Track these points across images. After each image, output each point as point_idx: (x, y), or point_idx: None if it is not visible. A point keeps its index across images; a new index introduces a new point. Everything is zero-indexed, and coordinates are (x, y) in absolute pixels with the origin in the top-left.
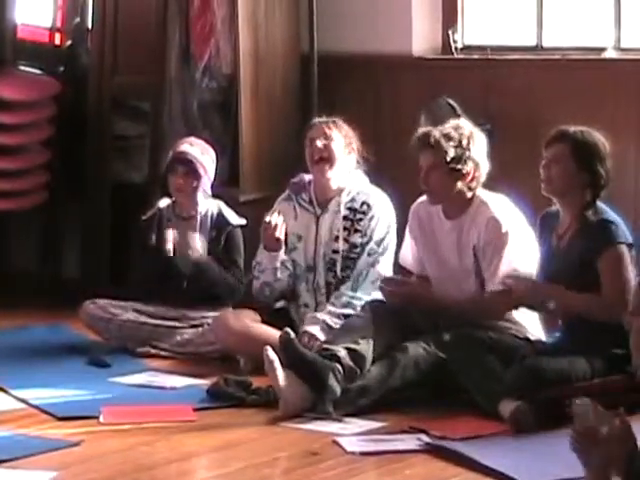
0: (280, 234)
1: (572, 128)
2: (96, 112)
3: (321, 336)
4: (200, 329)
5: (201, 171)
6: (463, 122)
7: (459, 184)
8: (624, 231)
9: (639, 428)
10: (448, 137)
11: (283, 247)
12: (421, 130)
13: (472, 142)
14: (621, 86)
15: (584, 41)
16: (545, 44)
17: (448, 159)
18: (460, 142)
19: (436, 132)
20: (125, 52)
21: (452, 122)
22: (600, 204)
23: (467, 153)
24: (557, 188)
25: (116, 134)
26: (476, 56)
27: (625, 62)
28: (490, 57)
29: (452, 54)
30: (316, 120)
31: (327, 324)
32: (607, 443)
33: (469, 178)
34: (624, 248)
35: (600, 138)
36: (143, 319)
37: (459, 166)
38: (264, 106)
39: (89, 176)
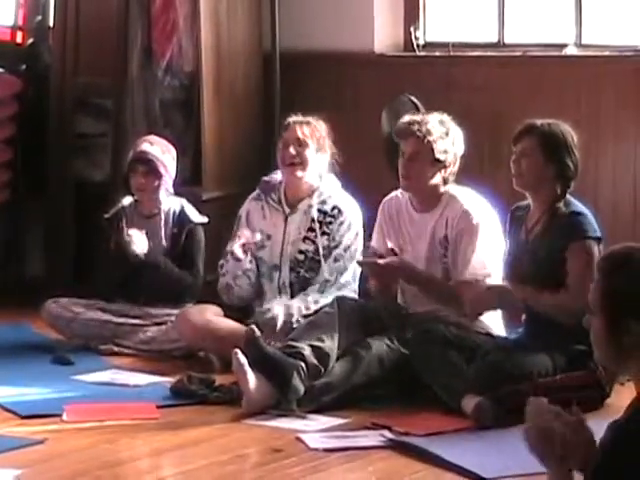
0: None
1: (539, 121)
2: (58, 110)
3: (281, 316)
4: (164, 327)
5: (162, 170)
6: (445, 117)
7: (438, 175)
8: (593, 225)
9: (599, 423)
10: (437, 129)
11: (248, 258)
12: (408, 117)
13: (454, 136)
14: (582, 82)
15: (545, 38)
16: (507, 41)
17: (435, 151)
18: (447, 135)
19: (424, 122)
20: (87, 50)
21: (436, 115)
22: (570, 197)
23: (451, 146)
24: (528, 182)
25: (78, 132)
26: (438, 53)
27: (586, 59)
28: (452, 54)
29: (414, 51)
30: (291, 120)
31: (292, 307)
32: (562, 439)
33: (448, 171)
34: (592, 243)
35: (567, 129)
36: (106, 317)
37: (442, 158)
38: (226, 104)
39: (51, 174)
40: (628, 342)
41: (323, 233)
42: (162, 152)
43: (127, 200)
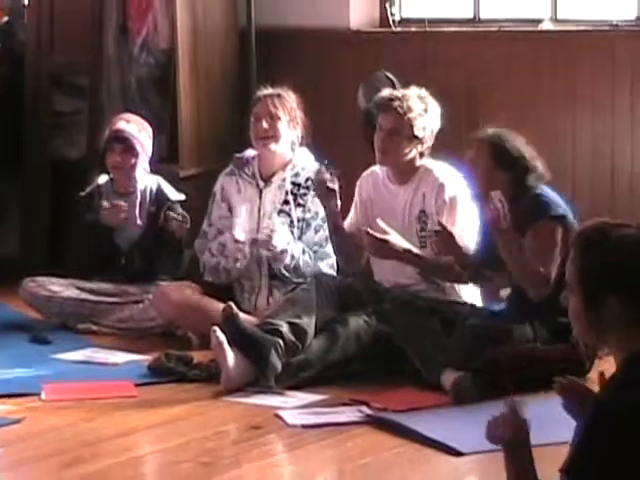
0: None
1: (489, 130)
2: (34, 88)
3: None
4: (141, 305)
5: (138, 148)
6: (423, 92)
7: (414, 151)
8: (557, 205)
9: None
10: (417, 106)
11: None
12: (389, 92)
13: (433, 112)
14: (558, 57)
15: (521, 13)
16: (482, 16)
17: (414, 127)
18: (425, 111)
19: (405, 98)
20: (62, 28)
21: (415, 90)
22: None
23: (429, 123)
24: (481, 187)
25: (54, 110)
26: (414, 29)
27: (562, 33)
28: (428, 30)
29: (390, 27)
30: (261, 93)
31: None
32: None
33: (424, 146)
34: (555, 222)
35: (517, 139)
36: (84, 296)
37: (421, 134)
38: (202, 81)
39: (27, 153)
40: (606, 317)
41: (298, 205)
42: (138, 130)
43: (103, 178)
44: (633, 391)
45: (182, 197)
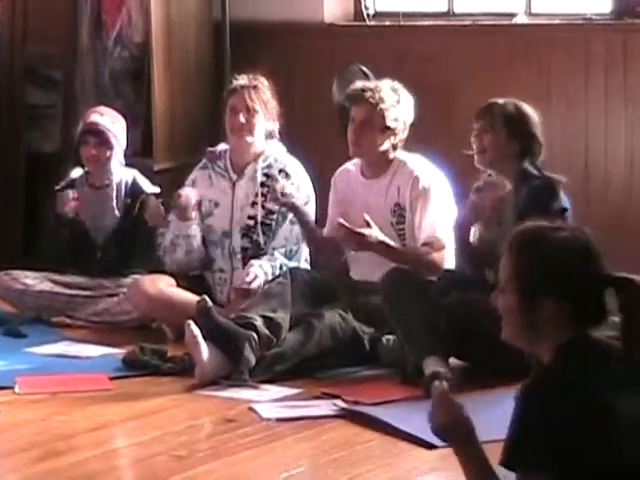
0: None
1: (501, 100)
2: (7, 81)
3: (261, 275)
4: (116, 298)
5: (113, 141)
6: (396, 84)
7: (387, 142)
8: (559, 197)
9: None
10: (389, 97)
11: (194, 220)
12: (361, 83)
13: (405, 104)
14: (532, 51)
15: (495, 7)
16: (456, 10)
17: (386, 118)
18: (398, 102)
19: (377, 90)
20: (36, 21)
21: (387, 82)
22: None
23: (401, 114)
24: (490, 159)
25: (28, 103)
26: (388, 22)
27: (536, 27)
28: (402, 23)
29: (364, 21)
30: (238, 83)
31: (265, 266)
32: (452, 426)
33: (397, 138)
34: (557, 215)
35: (529, 109)
36: (58, 289)
37: (393, 125)
38: (177, 74)
39: (1, 146)
40: (541, 318)
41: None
42: (112, 122)
43: (77, 172)
44: (559, 373)
45: (157, 190)
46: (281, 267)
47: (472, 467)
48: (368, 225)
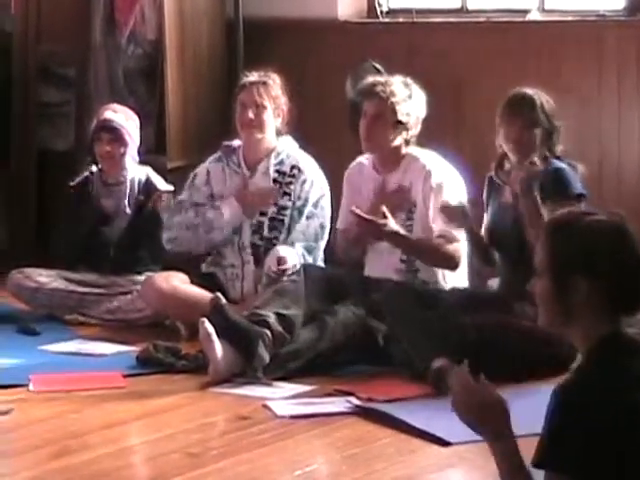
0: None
1: (523, 90)
2: (21, 79)
3: (292, 255)
4: (129, 296)
5: (127, 137)
6: (408, 79)
7: (400, 138)
8: (577, 182)
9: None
10: (400, 91)
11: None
12: (373, 78)
13: (417, 99)
14: (545, 48)
15: (508, 3)
16: (470, 7)
17: (398, 112)
18: (410, 97)
19: (388, 84)
20: (49, 19)
21: (399, 77)
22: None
23: (413, 109)
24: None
25: (41, 101)
26: (401, 19)
27: (549, 24)
28: (415, 20)
29: (377, 18)
30: (247, 80)
31: (289, 251)
32: (479, 411)
33: (409, 134)
34: (575, 201)
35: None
36: (72, 287)
37: (405, 120)
38: (190, 72)
39: (14, 143)
40: (576, 301)
41: (284, 193)
42: (126, 119)
43: (92, 168)
44: (598, 375)
45: (171, 188)
46: (303, 256)
47: (502, 460)
48: (384, 216)
